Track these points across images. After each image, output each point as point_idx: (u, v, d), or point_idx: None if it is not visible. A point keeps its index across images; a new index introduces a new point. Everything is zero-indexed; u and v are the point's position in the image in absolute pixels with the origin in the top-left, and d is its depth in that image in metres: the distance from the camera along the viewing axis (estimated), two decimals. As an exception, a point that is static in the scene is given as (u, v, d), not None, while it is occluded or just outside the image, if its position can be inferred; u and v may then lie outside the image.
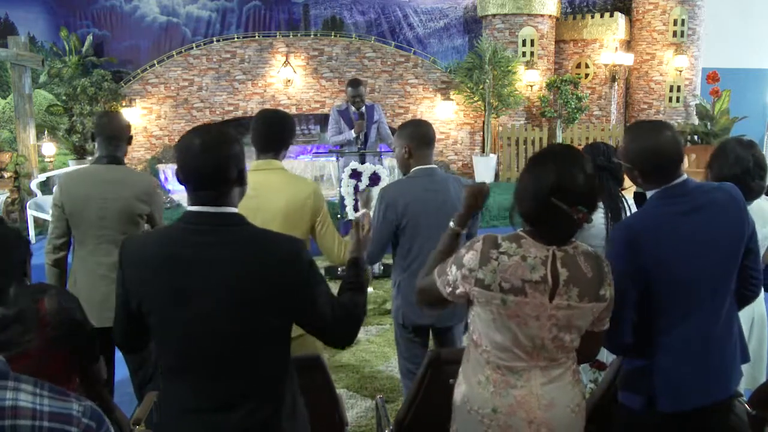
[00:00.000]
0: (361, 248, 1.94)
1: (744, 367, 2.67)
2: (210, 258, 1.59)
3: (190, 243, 1.61)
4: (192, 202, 1.63)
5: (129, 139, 3.01)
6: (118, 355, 2.95)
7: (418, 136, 2.86)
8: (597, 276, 1.74)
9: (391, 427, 2.37)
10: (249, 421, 1.63)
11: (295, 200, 2.62)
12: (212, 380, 1.63)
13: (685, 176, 1.99)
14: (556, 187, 1.68)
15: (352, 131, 5.76)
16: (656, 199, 2.00)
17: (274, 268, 1.60)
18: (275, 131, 2.72)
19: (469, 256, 1.75)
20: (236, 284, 1.58)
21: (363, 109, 5.81)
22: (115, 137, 2.91)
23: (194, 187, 1.62)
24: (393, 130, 6.21)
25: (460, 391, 1.87)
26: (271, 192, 2.62)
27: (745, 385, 2.85)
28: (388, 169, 6.21)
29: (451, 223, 2.04)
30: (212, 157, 1.60)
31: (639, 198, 2.23)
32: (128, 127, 3.02)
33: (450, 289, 1.81)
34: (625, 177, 3.02)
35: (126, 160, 3.06)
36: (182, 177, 1.63)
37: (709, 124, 10.00)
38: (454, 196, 2.81)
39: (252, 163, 2.72)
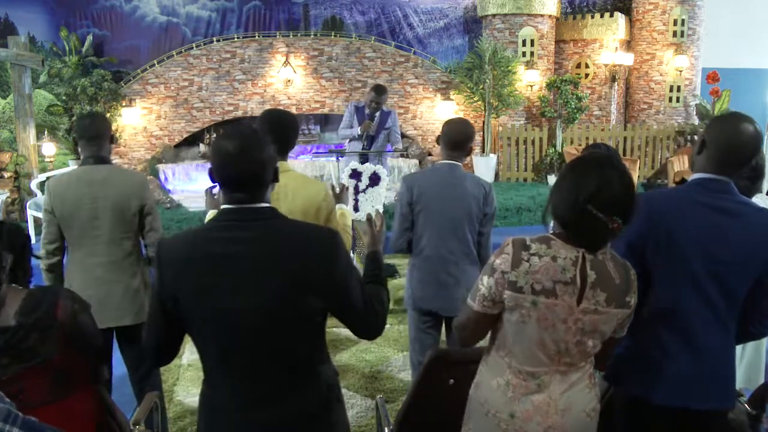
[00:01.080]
0: (376, 242, 1.99)
1: (741, 367, 2.67)
2: (247, 252, 1.62)
3: (226, 239, 1.64)
4: (227, 201, 1.67)
5: (111, 138, 2.98)
6: (117, 355, 2.96)
7: (443, 136, 3.08)
8: (624, 282, 1.75)
9: (391, 427, 2.37)
10: (291, 414, 1.66)
11: (312, 202, 2.66)
12: (255, 374, 1.65)
13: (730, 180, 1.97)
14: (595, 195, 1.68)
15: (359, 129, 5.80)
16: (692, 185, 1.98)
17: (310, 257, 1.63)
18: (280, 132, 2.73)
19: (501, 260, 1.75)
20: (274, 276, 1.61)
21: (378, 113, 5.83)
22: (96, 137, 2.89)
23: (231, 189, 1.66)
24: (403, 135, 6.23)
25: (478, 393, 1.86)
26: (288, 194, 2.64)
27: (742, 385, 2.85)
28: (388, 170, 6.21)
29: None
30: (250, 162, 1.63)
31: (648, 190, 2.23)
32: (109, 126, 3.00)
33: (486, 302, 1.78)
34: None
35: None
36: (219, 179, 1.67)
37: (709, 124, 9.99)
38: (470, 192, 3.01)
39: None
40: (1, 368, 1.73)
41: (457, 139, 3.05)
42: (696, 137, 9.85)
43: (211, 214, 2.72)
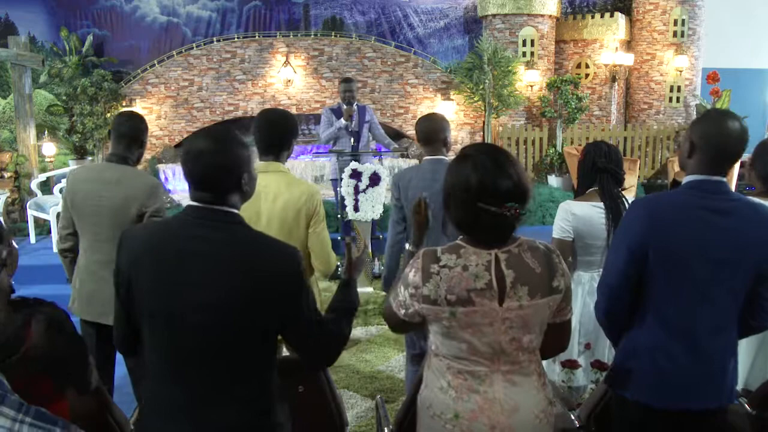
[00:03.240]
0: (353, 270, 1.94)
1: (752, 368, 2.65)
2: (203, 251, 1.59)
3: (185, 235, 1.62)
4: (192, 198, 1.66)
5: (142, 142, 2.96)
6: (119, 354, 2.96)
7: (418, 133, 3.20)
8: (547, 269, 1.70)
9: (391, 427, 2.37)
10: (232, 420, 1.62)
11: (292, 205, 2.62)
12: (197, 376, 1.61)
13: (723, 179, 1.96)
14: (478, 190, 1.65)
15: (342, 119, 5.84)
16: (687, 188, 1.98)
17: (265, 271, 1.59)
18: (276, 133, 2.71)
19: (412, 274, 1.72)
20: (226, 281, 1.57)
21: (354, 105, 5.93)
22: (123, 137, 2.91)
23: (194, 186, 1.66)
24: (394, 131, 6.24)
25: (423, 396, 1.84)
26: (270, 195, 2.62)
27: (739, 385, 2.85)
28: (388, 170, 6.22)
29: (407, 245, 2.05)
30: (206, 165, 1.62)
31: (648, 191, 2.22)
32: (142, 129, 2.97)
33: (404, 310, 1.77)
34: (625, 178, 3.03)
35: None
36: (184, 175, 1.67)
37: (709, 124, 9.99)
38: None
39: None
40: None
41: (424, 133, 3.15)
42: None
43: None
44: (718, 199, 1.93)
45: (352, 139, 5.93)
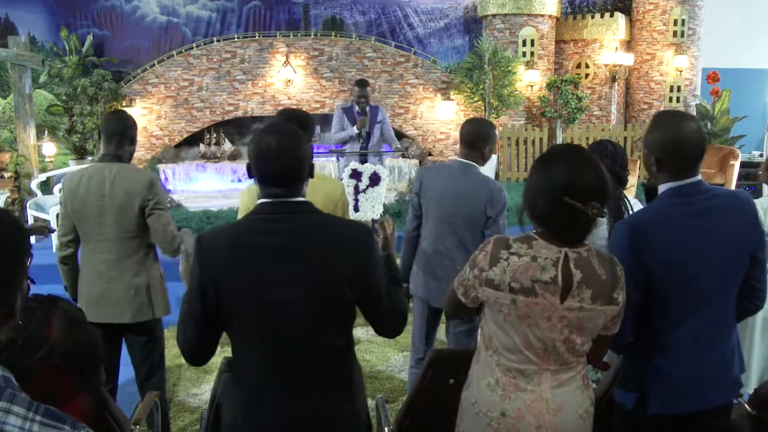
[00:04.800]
0: (388, 245, 2.02)
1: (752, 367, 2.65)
2: (286, 244, 1.66)
3: (267, 231, 1.67)
4: (265, 195, 1.72)
5: (132, 139, 2.96)
6: (123, 353, 2.96)
7: (465, 133, 3.10)
8: (611, 279, 1.73)
9: (391, 427, 2.37)
10: (323, 407, 1.69)
11: (330, 198, 2.73)
12: (291, 367, 1.68)
13: (699, 177, 1.96)
14: (568, 185, 1.67)
15: (355, 127, 5.81)
16: (666, 197, 1.97)
17: (349, 252, 1.68)
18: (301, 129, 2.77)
19: (481, 256, 1.76)
20: (314, 268, 1.65)
21: (367, 109, 5.88)
22: (113, 135, 2.90)
23: (271, 184, 1.71)
24: (394, 131, 6.26)
25: (469, 392, 1.86)
26: (308, 191, 2.68)
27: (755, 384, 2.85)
28: (388, 170, 6.22)
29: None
30: (291, 159, 1.69)
31: (650, 194, 2.22)
32: (132, 126, 2.96)
33: (463, 290, 1.82)
34: (629, 178, 3.03)
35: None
36: (259, 175, 1.71)
37: (709, 124, 10.00)
38: (474, 192, 2.99)
39: None
40: None
41: (471, 135, 3.07)
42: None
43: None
44: (697, 201, 1.93)
45: (361, 140, 5.92)
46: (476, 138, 3.06)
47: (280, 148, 1.68)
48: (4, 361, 1.67)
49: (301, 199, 1.74)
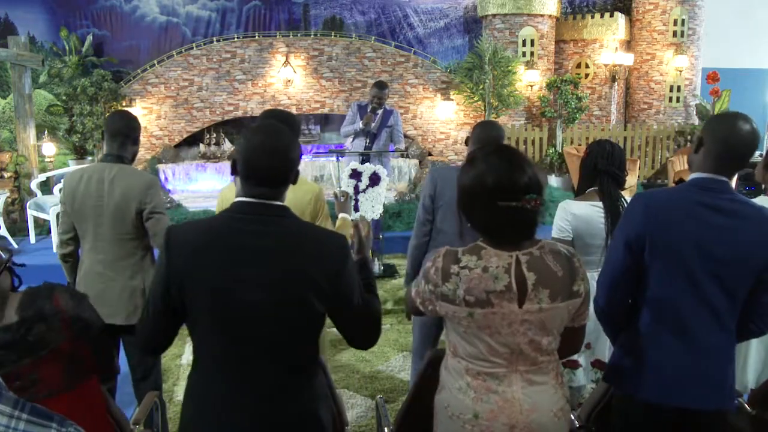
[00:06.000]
0: (363, 249, 1.97)
1: (750, 367, 2.64)
2: (259, 246, 1.62)
3: (240, 231, 1.64)
4: (246, 194, 1.67)
5: (135, 139, 2.97)
6: (121, 354, 2.96)
7: (477, 135, 2.99)
8: (568, 273, 1.71)
9: (391, 427, 2.37)
10: (290, 409, 1.66)
11: (298, 204, 2.65)
12: (253, 369, 1.64)
13: (727, 180, 1.96)
14: (496, 188, 1.66)
15: (361, 122, 5.84)
16: (690, 185, 1.98)
17: (317, 258, 1.64)
18: None
19: (432, 272, 1.72)
20: (285, 272, 1.62)
21: (380, 111, 5.90)
22: (117, 135, 2.90)
23: (255, 183, 1.66)
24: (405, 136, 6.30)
25: (441, 396, 1.84)
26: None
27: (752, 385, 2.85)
28: (389, 170, 6.22)
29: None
30: (280, 160, 1.66)
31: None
32: (135, 127, 2.97)
33: (421, 301, 1.79)
34: (628, 179, 3.03)
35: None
36: (245, 172, 1.67)
37: (709, 124, 9.98)
38: None
39: None
40: (11, 363, 1.74)
41: (486, 138, 2.98)
42: (694, 137, 9.88)
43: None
44: (719, 198, 1.93)
45: (367, 140, 5.95)
46: (493, 140, 2.96)
47: (272, 146, 1.64)
48: (23, 335, 1.72)
49: (280, 203, 1.70)
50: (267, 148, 1.65)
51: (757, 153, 10.83)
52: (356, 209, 5.50)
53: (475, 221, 1.74)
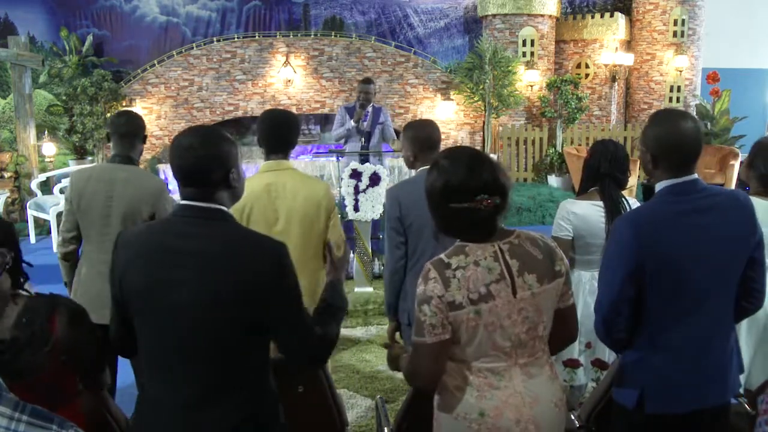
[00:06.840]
0: (337, 270, 1.93)
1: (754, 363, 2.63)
2: (192, 249, 1.60)
3: (176, 233, 1.63)
4: (182, 197, 1.67)
5: (144, 138, 3.00)
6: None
7: (420, 141, 2.82)
8: (547, 255, 1.76)
9: (391, 427, 2.37)
10: (222, 422, 1.61)
11: (312, 200, 2.68)
12: (188, 376, 1.61)
13: (695, 176, 1.96)
14: (447, 192, 1.68)
15: (352, 121, 5.85)
16: (663, 195, 1.96)
17: (258, 265, 1.60)
18: (284, 132, 2.75)
19: (430, 286, 1.69)
20: (213, 278, 1.57)
21: (369, 108, 5.91)
22: (126, 135, 2.91)
23: (181, 183, 1.67)
24: (397, 132, 6.27)
25: (442, 399, 1.81)
26: (288, 192, 2.66)
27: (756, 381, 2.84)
28: (388, 169, 6.22)
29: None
30: (195, 157, 1.63)
31: (649, 194, 2.21)
32: (142, 126, 3.00)
33: (436, 330, 1.69)
34: (629, 179, 3.03)
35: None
36: (173, 172, 1.68)
37: (709, 124, 10.00)
38: None
39: (262, 165, 2.75)
40: None
41: (429, 140, 2.84)
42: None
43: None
44: (694, 199, 1.93)
45: (362, 139, 5.96)
46: (436, 139, 2.88)
47: (190, 143, 1.63)
48: (9, 359, 1.68)
49: (216, 206, 1.65)
50: (185, 146, 1.64)
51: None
52: (356, 209, 5.51)
53: (444, 227, 1.77)
